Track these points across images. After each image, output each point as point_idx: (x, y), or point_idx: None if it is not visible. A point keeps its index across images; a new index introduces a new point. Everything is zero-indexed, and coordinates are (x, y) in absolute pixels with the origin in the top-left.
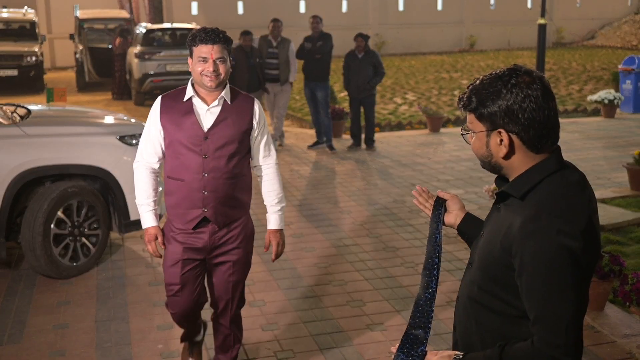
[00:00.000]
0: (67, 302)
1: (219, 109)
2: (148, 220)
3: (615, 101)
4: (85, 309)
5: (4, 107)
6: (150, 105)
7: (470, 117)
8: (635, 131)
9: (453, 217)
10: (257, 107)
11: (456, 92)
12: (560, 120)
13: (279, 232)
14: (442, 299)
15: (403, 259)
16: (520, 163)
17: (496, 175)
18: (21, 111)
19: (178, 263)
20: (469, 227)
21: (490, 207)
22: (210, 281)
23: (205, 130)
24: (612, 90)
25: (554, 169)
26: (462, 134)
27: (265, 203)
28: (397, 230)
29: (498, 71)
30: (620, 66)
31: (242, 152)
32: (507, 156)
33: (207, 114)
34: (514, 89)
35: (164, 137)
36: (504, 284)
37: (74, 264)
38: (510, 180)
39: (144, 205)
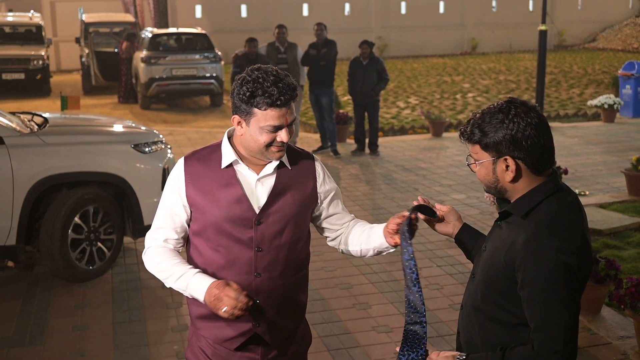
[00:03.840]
0: (84, 304)
1: (273, 178)
2: (201, 283)
3: (615, 106)
4: (102, 312)
5: (22, 117)
6: (156, 109)
7: (475, 148)
8: (635, 136)
9: (451, 227)
10: (319, 167)
11: (458, 96)
12: (561, 124)
13: None
14: (444, 302)
15: None
16: (524, 185)
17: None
18: (38, 120)
19: None
20: (467, 237)
21: (490, 211)
22: None
23: (258, 210)
24: (612, 95)
25: (552, 191)
26: (467, 164)
27: (359, 233)
28: None
29: (496, 104)
30: (620, 71)
31: (304, 236)
32: (514, 180)
33: (257, 186)
34: (515, 118)
35: (192, 219)
36: (506, 295)
37: (90, 267)
38: (513, 201)
39: (183, 277)
